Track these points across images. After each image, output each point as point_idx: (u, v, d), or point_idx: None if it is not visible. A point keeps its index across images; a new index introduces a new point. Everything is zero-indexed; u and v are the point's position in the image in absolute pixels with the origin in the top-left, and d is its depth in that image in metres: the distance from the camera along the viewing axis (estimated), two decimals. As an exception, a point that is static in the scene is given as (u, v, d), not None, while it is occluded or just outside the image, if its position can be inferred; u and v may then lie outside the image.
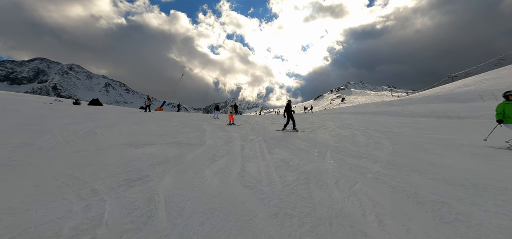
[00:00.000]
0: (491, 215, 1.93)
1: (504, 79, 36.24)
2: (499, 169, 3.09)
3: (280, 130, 9.03)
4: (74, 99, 24.14)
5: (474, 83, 41.29)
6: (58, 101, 21.90)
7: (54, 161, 3.55)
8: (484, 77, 42.88)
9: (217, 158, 4.29)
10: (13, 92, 28.67)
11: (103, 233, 1.68)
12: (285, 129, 8.92)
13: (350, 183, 2.89)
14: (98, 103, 24.32)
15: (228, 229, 1.86)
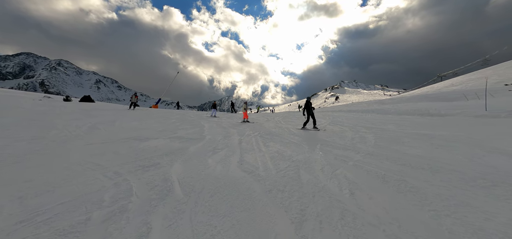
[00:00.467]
0: (435, 188, 2.50)
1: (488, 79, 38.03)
2: (454, 156, 3.71)
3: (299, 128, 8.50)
4: (64, 96, 23.80)
5: (460, 83, 43.20)
6: (47, 98, 21.59)
7: (71, 152, 3.93)
8: (470, 77, 44.88)
9: (218, 150, 4.76)
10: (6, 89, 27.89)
11: (135, 200, 2.14)
12: (305, 127, 8.40)
13: (333, 169, 3.43)
14: (89, 100, 24.08)
15: (232, 200, 2.35)
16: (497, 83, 32.95)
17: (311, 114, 8.35)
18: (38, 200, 2.03)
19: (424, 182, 2.70)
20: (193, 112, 20.86)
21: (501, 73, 38.25)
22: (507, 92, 22.10)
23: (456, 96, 24.78)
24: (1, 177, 2.54)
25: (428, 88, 48.67)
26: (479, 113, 8.56)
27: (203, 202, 2.26)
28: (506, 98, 16.00)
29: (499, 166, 3.07)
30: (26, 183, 2.40)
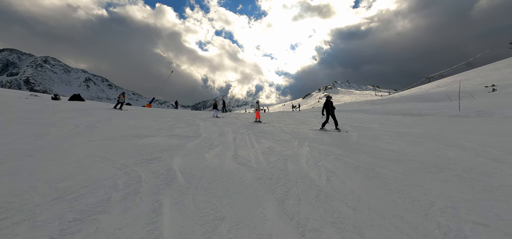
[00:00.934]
0: (396, 174, 3.03)
1: (470, 81, 40.27)
2: (419, 150, 4.29)
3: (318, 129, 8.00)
4: (52, 95, 23.25)
5: (446, 85, 45.29)
6: (34, 96, 21.08)
7: (76, 147, 4.23)
8: (455, 79, 47.19)
9: (214, 146, 5.16)
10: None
11: (145, 185, 2.53)
12: (324, 128, 7.79)
13: (316, 161, 3.92)
14: (79, 98, 23.66)
15: (227, 185, 2.77)
16: (479, 85, 34.91)
17: (332, 114, 7.72)
18: (63, 184, 2.38)
19: (389, 170, 3.23)
20: (188, 112, 21.03)
21: (483, 75, 40.47)
22: (487, 94, 23.63)
23: (440, 97, 26.16)
24: (23, 168, 2.85)
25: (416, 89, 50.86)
26: (453, 114, 9.38)
27: (203, 186, 2.67)
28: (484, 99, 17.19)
29: (452, 156, 3.66)
30: (45, 173, 2.73)
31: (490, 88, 28.16)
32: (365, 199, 2.29)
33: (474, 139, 4.94)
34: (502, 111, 7.88)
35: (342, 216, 1.97)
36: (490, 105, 9.91)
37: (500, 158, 3.48)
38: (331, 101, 7.80)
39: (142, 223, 1.77)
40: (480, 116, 8.01)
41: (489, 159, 3.47)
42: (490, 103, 10.98)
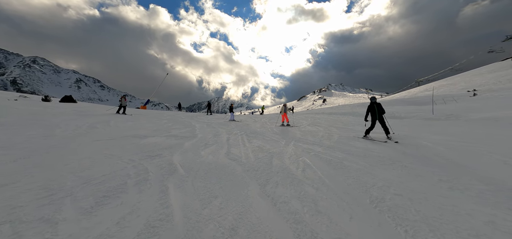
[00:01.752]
0: (358, 166, 3.71)
1: (456, 86, 42.39)
2: (384, 149, 5.03)
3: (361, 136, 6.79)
4: (43, 96, 23.01)
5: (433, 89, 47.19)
6: (23, 97, 20.86)
7: (84, 146, 4.71)
8: (442, 83, 49.36)
9: (209, 145, 5.73)
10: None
11: (152, 175, 3.10)
12: (367, 136, 6.57)
13: (298, 157, 4.56)
14: (71, 100, 23.53)
15: (220, 175, 3.36)
16: (462, 89, 36.83)
17: (380, 119, 6.41)
18: (85, 174, 2.91)
19: (354, 163, 3.91)
20: (183, 114, 21.41)
21: (467, 80, 42.64)
22: (467, 98, 25.15)
23: (427, 100, 27.53)
24: (46, 162, 3.34)
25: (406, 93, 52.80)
26: (427, 117, 10.31)
27: (200, 176, 3.26)
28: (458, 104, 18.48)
29: (408, 151, 4.39)
30: (66, 166, 3.24)
31: (471, 93, 29.92)
32: (327, 183, 2.94)
33: (431, 138, 5.75)
34: (467, 115, 8.83)
35: (306, 194, 2.61)
36: (459, 110, 10.94)
37: (441, 153, 4.25)
38: (378, 103, 6.53)
39: (154, 199, 2.35)
40: (448, 119, 8.94)
41: (433, 153, 4.23)
42: (460, 108, 12.05)
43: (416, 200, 2.36)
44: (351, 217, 2.09)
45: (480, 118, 8.16)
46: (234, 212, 2.18)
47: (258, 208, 2.29)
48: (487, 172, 3.15)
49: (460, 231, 1.80)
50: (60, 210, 1.99)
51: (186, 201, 2.36)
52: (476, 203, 2.27)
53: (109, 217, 1.93)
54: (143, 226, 1.84)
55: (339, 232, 1.85)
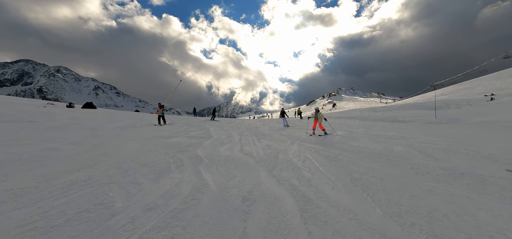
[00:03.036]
0: (350, 159, 4.49)
1: (473, 90, 40.85)
2: (377, 146, 5.72)
3: None
4: (67, 103, 25.28)
5: (449, 93, 45.69)
6: (51, 104, 23.14)
7: (126, 143, 5.84)
8: (459, 87, 47.49)
9: (224, 144, 6.71)
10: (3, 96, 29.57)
11: (186, 162, 4.09)
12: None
13: (300, 153, 5.40)
14: (91, 106, 25.68)
15: (237, 164, 4.29)
16: (480, 94, 35.46)
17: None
18: (139, 161, 3.97)
19: (347, 157, 4.69)
20: (196, 119, 22.80)
21: (485, 84, 40.96)
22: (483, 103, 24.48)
23: (441, 105, 27.04)
24: (107, 153, 4.45)
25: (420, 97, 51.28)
26: (430, 121, 10.69)
27: (221, 164, 4.21)
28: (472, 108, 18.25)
29: (396, 150, 5.10)
30: (122, 156, 4.33)
31: (488, 97, 28.91)
32: (321, 170, 3.78)
33: (425, 139, 6.35)
34: (467, 119, 9.19)
35: (303, 176, 3.47)
36: (462, 114, 11.20)
37: (423, 150, 4.91)
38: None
39: (193, 176, 3.32)
40: (450, 123, 9.32)
41: (417, 150, 4.91)
42: (463, 112, 12.23)
43: (385, 180, 3.14)
44: (333, 188, 2.92)
45: (478, 122, 8.54)
46: (249, 184, 3.09)
47: (266, 182, 3.18)
48: (450, 162, 3.83)
49: (403, 194, 2.58)
50: (136, 179, 3.01)
51: (214, 178, 3.31)
52: (427, 180, 3.02)
53: (168, 183, 2.92)
54: (191, 187, 2.80)
55: (322, 195, 2.69)
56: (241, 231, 1.90)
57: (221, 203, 2.44)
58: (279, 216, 2.17)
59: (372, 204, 2.41)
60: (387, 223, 2.00)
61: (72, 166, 3.44)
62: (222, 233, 1.87)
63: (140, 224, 1.93)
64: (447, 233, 1.81)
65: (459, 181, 3.00)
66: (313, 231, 1.91)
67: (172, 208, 2.27)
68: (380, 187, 2.87)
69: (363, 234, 1.85)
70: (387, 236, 1.80)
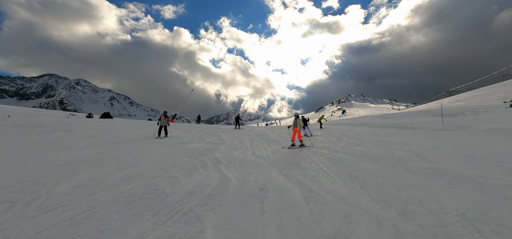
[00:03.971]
0: (351, 161, 5.05)
1: (491, 96, 39.20)
2: (379, 151, 6.19)
3: None
4: (87, 113, 27.27)
5: (465, 99, 44.01)
6: (72, 115, 25.09)
7: (153, 147, 6.74)
8: (476, 94, 45.52)
9: (237, 148, 7.45)
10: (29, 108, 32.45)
11: (208, 163, 4.86)
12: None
13: (307, 156, 6.01)
14: (109, 116, 27.59)
15: (251, 165, 4.99)
16: (498, 100, 33.96)
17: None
18: (170, 161, 4.79)
19: (349, 159, 5.26)
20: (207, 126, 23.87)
21: (505, 91, 39.18)
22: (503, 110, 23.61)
23: (455, 112, 26.34)
24: (142, 155, 5.32)
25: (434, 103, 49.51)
26: (437, 127, 10.86)
27: (237, 165, 4.92)
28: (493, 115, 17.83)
29: (396, 154, 5.58)
30: (154, 158, 5.18)
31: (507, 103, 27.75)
32: (324, 170, 4.39)
33: (427, 145, 6.74)
34: (476, 126, 9.35)
35: (309, 174, 4.10)
36: (470, 121, 11.26)
37: (422, 154, 5.37)
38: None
39: (216, 173, 4.06)
40: (457, 130, 9.50)
41: (416, 154, 5.37)
42: (472, 119, 12.23)
43: (379, 177, 3.71)
44: (333, 183, 3.54)
45: (485, 129, 8.72)
46: (263, 179, 3.77)
47: (277, 178, 3.86)
48: (442, 164, 4.30)
49: (391, 187, 3.15)
50: (173, 174, 3.80)
51: (234, 174, 4.03)
52: (416, 177, 3.55)
53: (199, 178, 3.69)
54: (217, 181, 3.54)
55: (323, 187, 3.32)
56: (260, 208, 2.59)
57: (242, 191, 3.14)
58: (288, 200, 2.83)
59: (363, 193, 3.01)
60: (371, 205, 2.61)
61: (121, 165, 4.32)
62: (246, 209, 2.57)
63: (187, 202, 2.68)
64: (415, 210, 2.39)
65: (443, 178, 3.51)
66: (314, 208, 2.56)
67: (207, 193, 3.01)
68: (373, 182, 3.45)
69: (352, 211, 2.47)
70: (369, 212, 2.42)
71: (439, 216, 2.26)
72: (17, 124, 9.43)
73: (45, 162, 4.33)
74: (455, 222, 2.12)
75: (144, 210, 2.45)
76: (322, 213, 2.45)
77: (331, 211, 2.48)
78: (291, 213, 2.47)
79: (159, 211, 2.42)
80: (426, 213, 2.33)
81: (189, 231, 2.04)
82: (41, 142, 6.38)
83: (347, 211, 2.45)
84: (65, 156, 4.86)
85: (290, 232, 2.05)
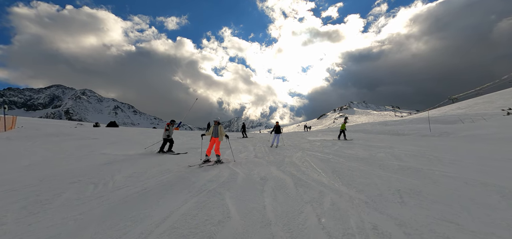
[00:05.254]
0: (339, 160, 6.08)
1: (493, 104, 39.67)
2: (365, 153, 7.19)
3: None
4: (94, 123, 28.67)
5: (466, 107, 44.38)
6: (80, 125, 26.52)
7: (179, 151, 7.85)
8: (477, 101, 45.80)
9: (242, 152, 8.52)
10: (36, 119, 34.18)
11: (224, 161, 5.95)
12: None
13: (302, 157, 7.05)
14: (115, 125, 28.96)
15: (254, 164, 6.03)
16: (499, 108, 34.33)
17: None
18: (187, 162, 5.89)
19: (336, 160, 6.28)
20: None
21: (506, 98, 39.59)
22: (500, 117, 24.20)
23: (455, 119, 26.99)
24: (162, 156, 6.43)
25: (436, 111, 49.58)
26: (424, 134, 11.81)
27: (243, 164, 5.98)
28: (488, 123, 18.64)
29: (379, 156, 6.58)
30: (174, 159, 6.28)
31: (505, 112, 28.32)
32: (314, 166, 5.44)
33: (407, 148, 7.74)
34: (457, 133, 10.33)
35: (301, 170, 5.15)
36: (454, 129, 12.21)
37: (399, 155, 6.37)
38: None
39: (226, 169, 5.14)
40: (440, 136, 10.45)
41: (393, 156, 6.38)
42: (456, 127, 13.19)
43: (355, 171, 4.74)
44: (318, 175, 4.58)
45: (463, 135, 9.71)
46: (264, 173, 4.84)
47: (275, 172, 4.91)
48: (410, 162, 5.32)
49: (361, 177, 4.19)
50: (193, 169, 4.90)
51: (241, 170, 5.10)
52: (383, 171, 4.58)
53: (213, 172, 4.78)
54: (228, 174, 4.62)
55: (309, 178, 4.37)
56: (261, 190, 3.65)
57: (248, 180, 4.21)
58: (282, 185, 3.88)
59: (338, 181, 4.05)
60: (340, 187, 3.65)
61: (150, 164, 5.44)
62: (251, 190, 3.63)
63: (209, 185, 3.77)
64: (368, 189, 3.43)
65: (403, 171, 4.53)
66: (299, 189, 3.61)
67: (222, 181, 4.09)
68: (349, 174, 4.49)
69: (325, 189, 3.51)
70: (336, 190, 3.45)
71: (382, 191, 3.30)
72: (47, 133, 10.71)
73: (93, 161, 5.49)
74: (390, 194, 3.16)
75: (180, 190, 3.54)
76: (304, 191, 3.50)
77: (311, 189, 3.53)
78: (283, 191, 3.53)
79: (191, 190, 3.51)
80: (375, 190, 3.37)
81: (214, 199, 3.11)
82: (78, 147, 7.58)
83: (322, 190, 3.50)
84: (103, 158, 6.02)
85: (281, 201, 3.11)
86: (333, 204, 2.89)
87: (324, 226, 2.27)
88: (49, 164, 5.19)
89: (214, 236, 2.11)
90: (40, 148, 7.26)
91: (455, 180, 3.74)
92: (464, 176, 3.93)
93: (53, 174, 4.31)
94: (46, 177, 4.05)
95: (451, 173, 4.14)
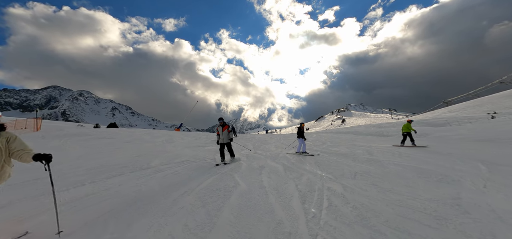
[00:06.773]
0: (325, 157, 7.51)
1: (482, 107, 41.46)
2: (347, 151, 8.62)
3: None
4: (94, 124, 29.63)
5: (457, 110, 46.24)
6: (80, 126, 27.32)
7: (181, 148, 9.20)
8: (468, 105, 47.51)
9: (243, 150, 9.90)
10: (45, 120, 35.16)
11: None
12: None
13: (293, 153, 8.46)
14: (115, 126, 30.02)
15: (255, 158, 7.43)
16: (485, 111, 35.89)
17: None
18: (199, 156, 7.24)
19: (323, 156, 7.70)
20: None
21: (494, 102, 41.49)
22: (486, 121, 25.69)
23: (443, 122, 28.46)
24: (178, 154, 7.77)
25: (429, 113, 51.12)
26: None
27: (244, 158, 7.37)
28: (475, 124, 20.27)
29: (356, 152, 8.03)
30: (187, 154, 7.64)
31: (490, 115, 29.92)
32: (301, 159, 6.84)
33: (383, 147, 9.21)
34: (432, 134, 11.87)
35: (291, 161, 6.55)
36: (431, 131, 13.80)
37: (372, 152, 7.82)
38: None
39: (232, 163, 6.53)
40: (419, 137, 11.94)
41: (368, 151, 7.83)
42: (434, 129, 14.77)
43: (332, 162, 6.15)
44: (303, 164, 5.99)
45: (436, 136, 11.25)
46: (262, 163, 6.22)
47: (271, 163, 6.31)
48: (377, 156, 6.76)
49: (335, 166, 5.61)
50: (206, 161, 6.27)
51: (244, 162, 6.48)
52: (353, 162, 6.01)
53: (222, 165, 6.15)
54: (234, 164, 6.00)
55: (296, 167, 5.77)
56: (259, 173, 5.03)
57: (249, 169, 5.59)
58: (275, 171, 5.27)
59: (317, 168, 5.46)
60: (317, 171, 5.06)
61: (171, 157, 6.78)
62: (253, 173, 5.01)
63: (220, 172, 5.15)
64: (336, 171, 4.84)
65: (369, 162, 5.96)
66: (288, 172, 5.00)
67: (229, 168, 5.47)
68: (327, 164, 5.90)
69: (305, 172, 4.91)
70: (313, 173, 4.85)
71: (344, 172, 4.72)
72: (70, 133, 11.97)
73: (124, 154, 6.82)
74: (349, 174, 4.59)
75: (200, 174, 4.92)
76: (291, 173, 4.90)
77: (295, 172, 4.94)
78: (275, 174, 4.93)
79: (209, 173, 4.89)
80: (340, 172, 4.79)
81: (227, 179, 4.50)
82: (103, 145, 8.88)
83: (302, 172, 4.91)
84: (132, 151, 7.34)
85: (273, 178, 4.50)
86: (308, 179, 4.29)
87: (298, 188, 3.68)
88: (93, 156, 6.53)
89: (231, 191, 3.50)
90: (75, 145, 8.56)
91: (399, 166, 5.18)
92: (407, 164, 5.37)
93: (102, 163, 5.65)
94: (100, 165, 5.39)
95: (400, 163, 5.58)
